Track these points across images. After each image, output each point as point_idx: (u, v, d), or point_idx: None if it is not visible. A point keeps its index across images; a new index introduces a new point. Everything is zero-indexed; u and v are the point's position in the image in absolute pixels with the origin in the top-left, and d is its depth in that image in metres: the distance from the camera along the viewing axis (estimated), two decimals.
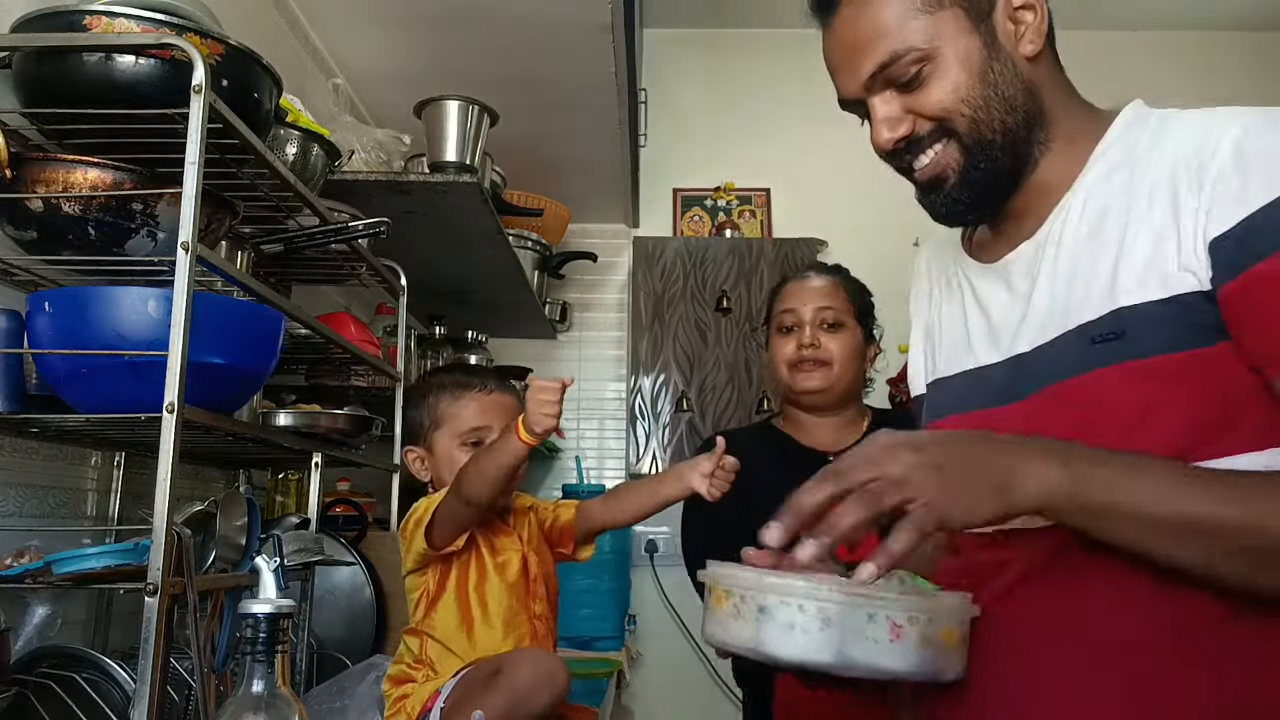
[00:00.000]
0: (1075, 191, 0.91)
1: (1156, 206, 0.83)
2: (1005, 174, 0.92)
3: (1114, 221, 0.87)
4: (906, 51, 0.89)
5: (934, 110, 0.90)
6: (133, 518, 1.39)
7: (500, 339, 3.28)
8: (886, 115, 0.92)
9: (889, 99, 0.92)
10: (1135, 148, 0.89)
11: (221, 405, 1.14)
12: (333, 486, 2.12)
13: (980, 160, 0.90)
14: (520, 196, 2.77)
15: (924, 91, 0.90)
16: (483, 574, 1.29)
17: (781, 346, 1.71)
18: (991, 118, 0.90)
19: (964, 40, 0.89)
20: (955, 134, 0.90)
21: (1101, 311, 0.84)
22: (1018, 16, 0.91)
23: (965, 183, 0.92)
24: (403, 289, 1.92)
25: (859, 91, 0.93)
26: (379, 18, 2.23)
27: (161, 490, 0.94)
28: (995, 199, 0.94)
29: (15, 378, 1.09)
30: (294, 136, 1.53)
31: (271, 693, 0.78)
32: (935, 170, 0.92)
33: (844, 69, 0.94)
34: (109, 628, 1.36)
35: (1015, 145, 0.91)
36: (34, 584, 1.02)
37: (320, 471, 1.52)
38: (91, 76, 1.07)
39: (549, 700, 1.14)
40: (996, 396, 0.93)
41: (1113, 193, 0.88)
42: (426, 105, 1.96)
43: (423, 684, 1.24)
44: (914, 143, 0.92)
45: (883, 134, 0.92)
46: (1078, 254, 0.89)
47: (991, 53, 0.90)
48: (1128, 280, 0.83)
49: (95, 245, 1.09)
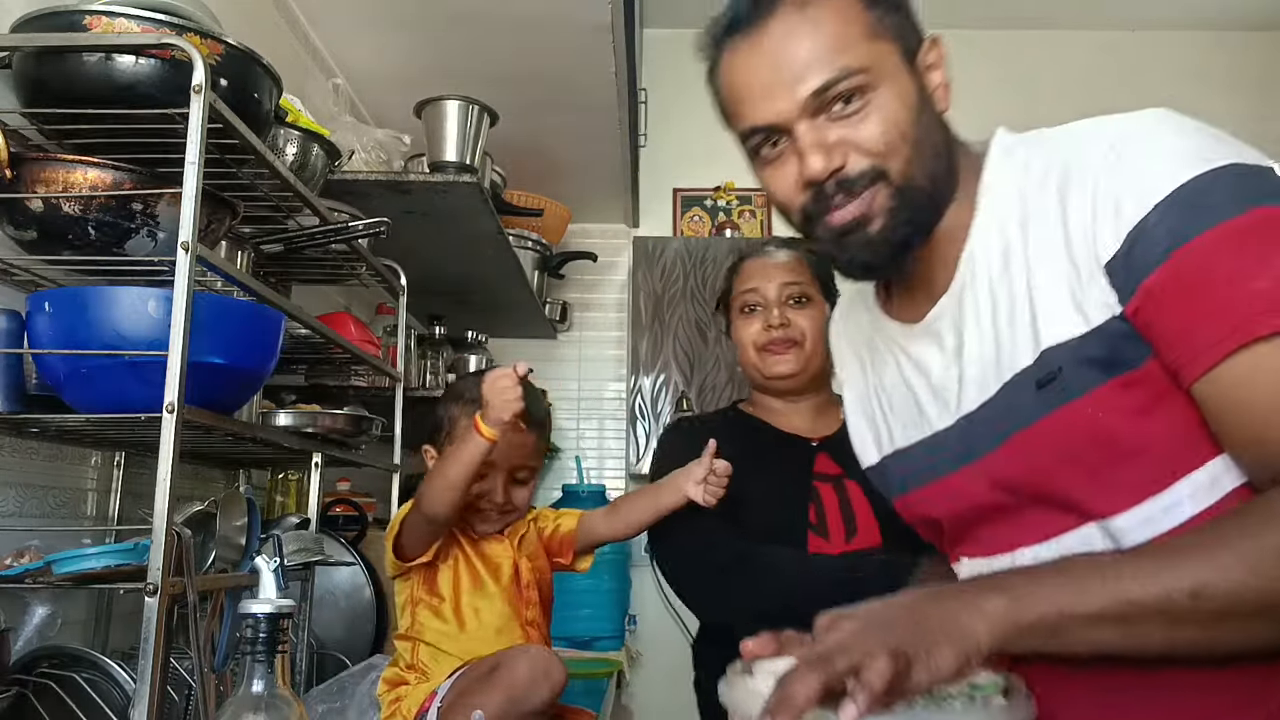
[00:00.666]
0: (974, 236, 0.88)
1: (1052, 239, 0.81)
2: (924, 225, 0.87)
3: (1018, 261, 0.83)
4: (855, 71, 0.82)
5: (874, 144, 0.83)
6: (133, 518, 1.39)
7: (500, 339, 3.28)
8: (819, 141, 0.83)
9: (821, 126, 0.83)
10: (1018, 181, 0.85)
11: (221, 405, 1.14)
12: (333, 486, 2.12)
13: (908, 209, 0.85)
14: (520, 196, 2.77)
15: (862, 122, 0.83)
16: (474, 580, 1.29)
17: (746, 328, 1.57)
18: (924, 163, 0.85)
19: (902, 78, 0.85)
20: (886, 177, 0.84)
21: (1034, 355, 0.81)
22: (929, 74, 0.88)
23: (893, 225, 0.85)
24: (403, 289, 1.92)
25: (789, 113, 0.84)
26: (379, 18, 2.23)
27: (161, 490, 0.94)
28: (909, 252, 0.88)
29: (15, 378, 1.09)
30: (294, 136, 1.53)
31: (271, 693, 0.78)
32: (858, 211, 0.84)
33: (772, 88, 0.84)
34: (109, 628, 1.36)
35: (935, 198, 0.87)
36: (34, 584, 1.02)
37: (320, 471, 1.52)
38: (91, 76, 1.07)
39: (547, 694, 1.14)
40: (956, 459, 0.90)
41: (1010, 234, 0.85)
42: (426, 105, 1.96)
43: (416, 686, 1.24)
44: (845, 183, 0.84)
45: (817, 163, 0.83)
46: (995, 300, 0.85)
47: (922, 97, 0.86)
48: (1048, 319, 0.80)
49: (95, 245, 1.09)
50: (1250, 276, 0.71)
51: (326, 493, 1.78)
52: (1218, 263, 0.71)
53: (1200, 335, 0.72)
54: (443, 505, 1.19)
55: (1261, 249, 0.71)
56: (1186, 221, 0.72)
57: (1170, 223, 0.73)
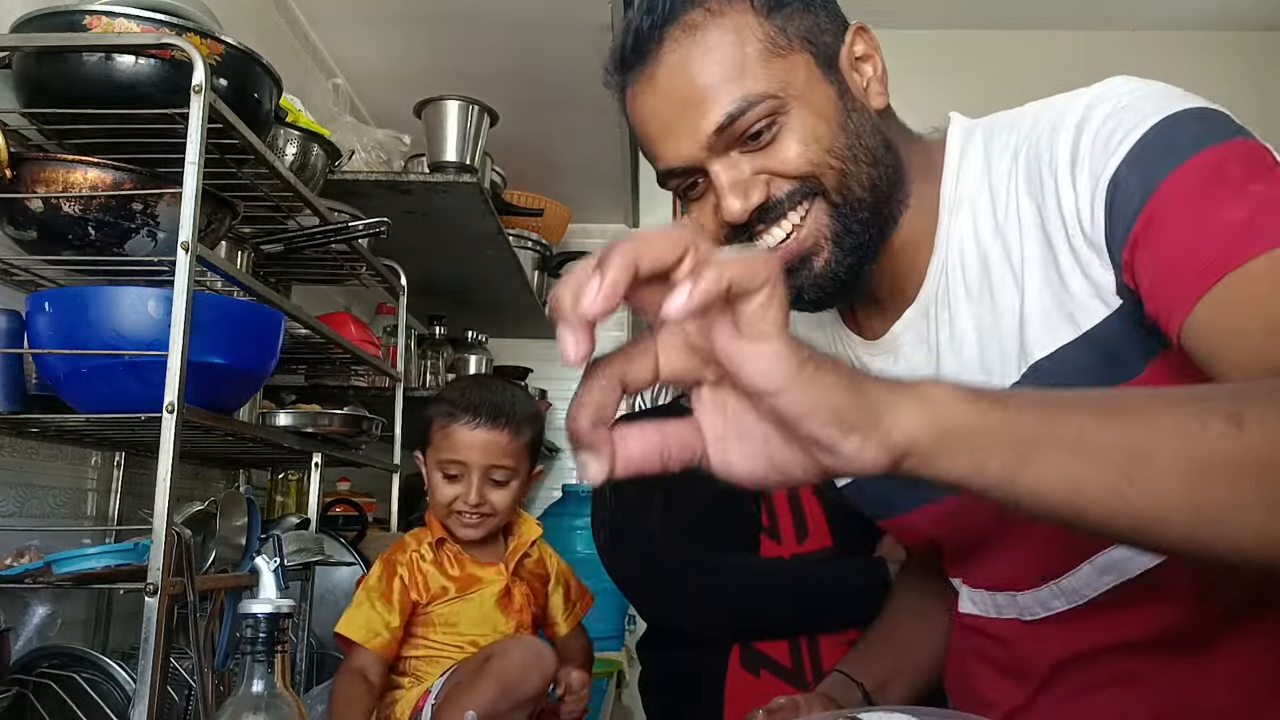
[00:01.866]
0: (943, 244, 0.82)
1: (1031, 239, 0.76)
2: (874, 240, 0.80)
3: (1000, 271, 0.78)
4: (759, 99, 0.75)
5: (795, 166, 0.77)
6: (133, 518, 1.39)
7: (500, 339, 3.27)
8: (735, 179, 0.77)
9: (734, 161, 0.77)
10: (984, 175, 0.80)
11: (221, 405, 1.13)
12: (333, 486, 2.12)
13: (851, 222, 0.78)
14: (520, 196, 2.77)
15: (778, 147, 0.77)
16: (459, 606, 1.26)
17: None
18: (859, 170, 0.78)
19: (818, 90, 0.78)
20: (821, 192, 0.78)
21: (1021, 370, 0.76)
22: (859, 68, 0.82)
23: (839, 251, 0.78)
24: (403, 289, 1.92)
25: (695, 154, 0.77)
26: (379, 18, 2.23)
27: (161, 490, 0.94)
28: (862, 275, 0.81)
29: (15, 378, 1.09)
30: (294, 136, 1.53)
31: (271, 692, 0.78)
32: (802, 244, 0.78)
33: (675, 127, 0.78)
34: (109, 628, 1.36)
35: (879, 205, 0.80)
36: (34, 584, 1.02)
37: (320, 471, 1.52)
38: (91, 76, 1.07)
39: (539, 681, 1.13)
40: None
41: (985, 239, 0.79)
42: (426, 105, 1.96)
43: (409, 690, 1.24)
44: (769, 209, 0.77)
45: (734, 204, 0.76)
46: (976, 313, 0.80)
47: (846, 103, 0.79)
48: (1034, 330, 0.75)
49: (95, 245, 1.09)
50: (1220, 208, 0.65)
51: (326, 493, 1.78)
52: (1186, 201, 0.67)
53: (1179, 279, 0.65)
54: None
55: (1230, 180, 0.66)
56: (1154, 167, 0.68)
57: (1140, 172, 0.69)
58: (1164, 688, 0.79)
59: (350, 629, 1.20)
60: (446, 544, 1.28)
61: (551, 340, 2.09)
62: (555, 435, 3.33)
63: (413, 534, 1.31)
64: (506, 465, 1.28)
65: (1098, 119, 0.73)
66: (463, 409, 1.28)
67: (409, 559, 1.25)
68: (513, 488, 1.28)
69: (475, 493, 1.25)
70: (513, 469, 1.28)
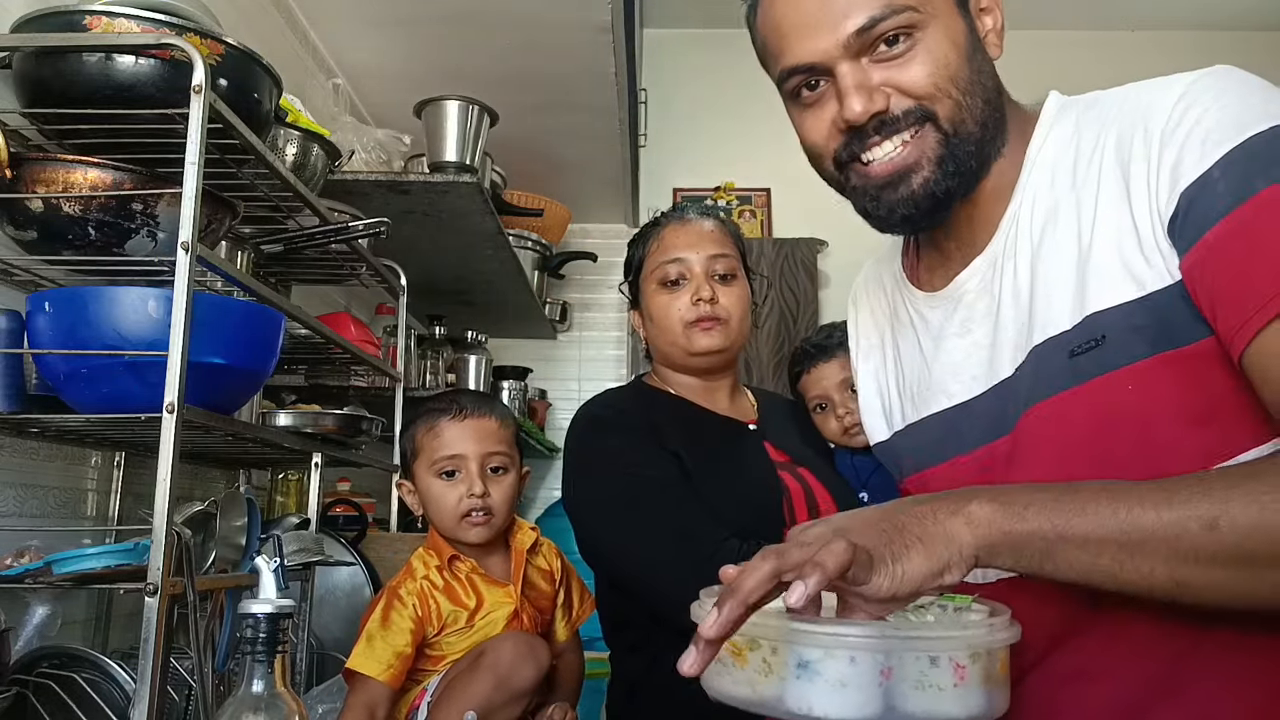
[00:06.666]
0: (1019, 197, 0.85)
1: (1110, 199, 0.77)
2: (972, 174, 0.83)
3: (1067, 222, 0.80)
4: (903, 7, 0.78)
5: (921, 87, 0.79)
6: (133, 518, 1.39)
7: (500, 339, 3.28)
8: (861, 82, 0.79)
9: (864, 67, 0.80)
10: (1072, 140, 0.83)
11: (221, 405, 1.14)
12: (333, 486, 2.12)
13: (957, 152, 0.81)
14: (520, 196, 2.77)
15: (908, 65, 0.79)
16: (469, 634, 1.22)
17: (672, 304, 1.35)
18: (975, 105, 0.81)
19: (954, 19, 0.81)
20: (934, 119, 0.80)
21: (1075, 320, 0.78)
22: (982, 18, 0.85)
23: (940, 173, 0.81)
24: (403, 289, 1.92)
25: (830, 53, 0.80)
26: (379, 18, 2.23)
27: (161, 490, 0.94)
28: (951, 205, 0.84)
29: (15, 378, 1.09)
30: (294, 136, 1.53)
31: (271, 693, 0.78)
32: (905, 160, 0.81)
33: (816, 24, 0.80)
34: (109, 628, 1.36)
35: (984, 144, 0.83)
36: (34, 584, 1.02)
37: (320, 471, 1.52)
38: (91, 76, 1.07)
39: (533, 674, 1.13)
40: (985, 433, 0.85)
41: (1059, 193, 0.82)
42: (426, 105, 1.96)
43: (408, 691, 1.23)
44: (886, 123, 0.80)
45: (856, 105, 0.79)
46: (1036, 264, 0.82)
47: (974, 40, 0.82)
48: (1097, 283, 0.76)
49: (95, 245, 1.09)
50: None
51: (326, 493, 1.78)
52: (1275, 222, 0.68)
53: (1252, 296, 0.67)
54: None
55: None
56: (1250, 177, 0.69)
57: (1233, 178, 0.69)
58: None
59: (365, 666, 1.16)
60: (457, 562, 1.25)
61: (552, 340, 2.08)
62: (555, 435, 3.34)
63: (418, 558, 1.27)
64: (501, 451, 1.27)
65: (1203, 111, 0.73)
66: (444, 409, 1.28)
67: (419, 588, 1.22)
68: (509, 482, 1.28)
69: (478, 482, 1.24)
70: (507, 456, 1.27)
